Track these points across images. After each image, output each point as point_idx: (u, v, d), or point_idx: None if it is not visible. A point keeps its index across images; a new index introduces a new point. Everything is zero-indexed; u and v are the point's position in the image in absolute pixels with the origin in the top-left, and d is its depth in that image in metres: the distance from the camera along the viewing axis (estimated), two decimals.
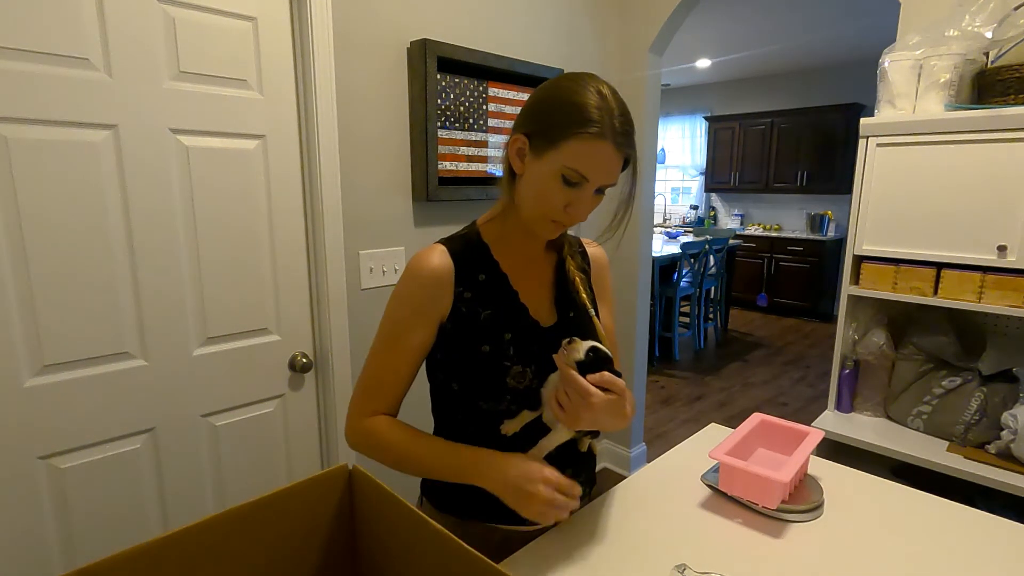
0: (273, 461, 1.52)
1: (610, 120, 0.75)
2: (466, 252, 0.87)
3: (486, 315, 0.84)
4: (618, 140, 0.75)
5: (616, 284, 2.55)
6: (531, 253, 0.91)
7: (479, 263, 0.87)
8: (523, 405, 0.84)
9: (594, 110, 0.74)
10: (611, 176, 0.78)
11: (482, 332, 0.83)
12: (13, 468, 1.12)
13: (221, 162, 1.32)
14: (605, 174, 0.77)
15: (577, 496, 0.77)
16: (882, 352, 1.64)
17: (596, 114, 0.74)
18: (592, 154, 0.75)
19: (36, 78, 1.07)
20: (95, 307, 1.18)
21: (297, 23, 1.41)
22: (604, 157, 0.75)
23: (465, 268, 0.85)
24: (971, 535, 0.86)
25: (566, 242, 0.95)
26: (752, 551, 0.82)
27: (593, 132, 0.74)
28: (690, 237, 5.46)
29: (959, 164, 1.39)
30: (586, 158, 0.75)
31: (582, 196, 0.78)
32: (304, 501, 0.62)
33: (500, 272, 0.87)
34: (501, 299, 0.86)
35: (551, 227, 0.82)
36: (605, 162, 0.76)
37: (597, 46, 2.27)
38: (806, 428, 1.05)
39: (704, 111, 6.88)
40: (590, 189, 0.78)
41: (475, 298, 0.85)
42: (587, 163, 0.75)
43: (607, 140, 0.74)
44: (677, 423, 3.41)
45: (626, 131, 0.77)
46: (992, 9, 1.39)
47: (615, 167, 0.78)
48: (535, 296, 0.89)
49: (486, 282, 0.86)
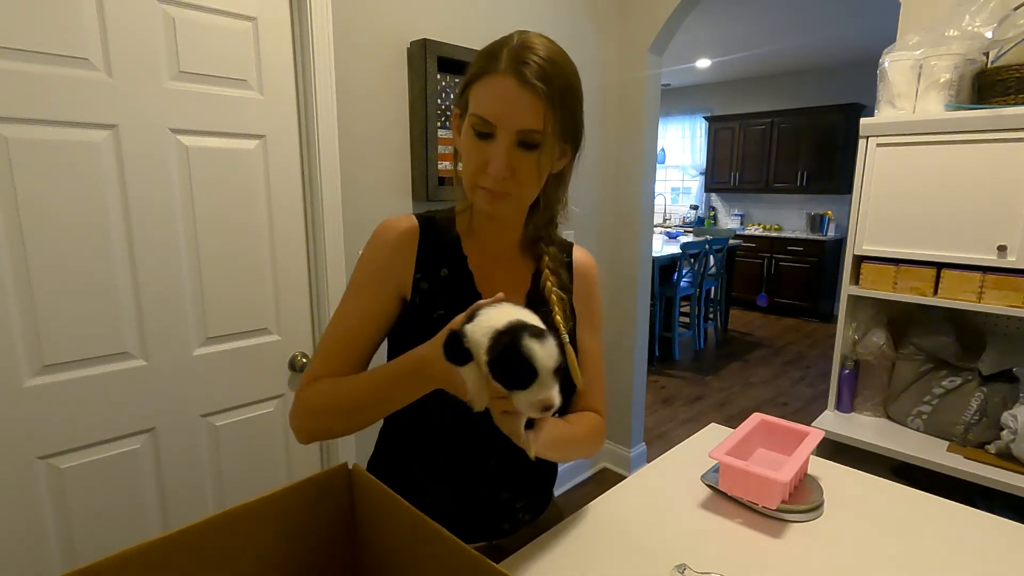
0: (273, 461, 1.51)
1: (511, 53, 0.66)
2: (435, 236, 0.79)
3: (439, 315, 0.75)
4: (520, 72, 0.65)
5: (616, 284, 2.55)
6: (502, 253, 0.82)
7: (445, 254, 0.79)
8: (468, 418, 0.68)
9: (495, 49, 0.68)
10: (520, 117, 0.67)
11: (430, 334, 0.69)
12: (13, 468, 1.12)
13: (221, 162, 1.32)
14: (510, 114, 0.66)
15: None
16: (882, 352, 1.64)
17: (496, 52, 0.67)
18: (491, 93, 0.67)
19: (36, 78, 1.07)
20: (95, 307, 1.18)
21: (297, 23, 1.41)
22: (504, 93, 0.66)
23: (429, 254, 0.78)
24: (971, 535, 0.86)
25: (546, 253, 0.81)
26: (752, 551, 0.82)
27: (490, 70, 0.67)
28: (690, 237, 5.46)
29: (959, 164, 1.39)
30: (486, 99, 0.67)
31: (497, 150, 0.68)
32: (304, 501, 0.61)
33: (466, 269, 0.79)
34: (461, 300, 0.75)
35: (482, 196, 0.72)
36: (508, 100, 0.66)
37: (597, 46, 2.27)
38: (806, 428, 1.05)
39: (704, 111, 6.88)
40: (504, 139, 0.67)
41: (431, 292, 0.77)
42: (487, 104, 0.67)
43: (507, 74, 0.66)
44: (677, 423, 3.41)
45: (535, 64, 0.66)
46: (992, 9, 1.39)
47: (524, 106, 0.66)
48: None
49: (448, 278, 0.78)
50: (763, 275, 6.09)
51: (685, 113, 7.13)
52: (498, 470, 0.82)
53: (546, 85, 0.66)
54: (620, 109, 2.40)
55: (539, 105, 0.66)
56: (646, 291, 2.57)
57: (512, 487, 0.84)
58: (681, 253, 4.43)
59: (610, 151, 2.44)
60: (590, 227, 2.41)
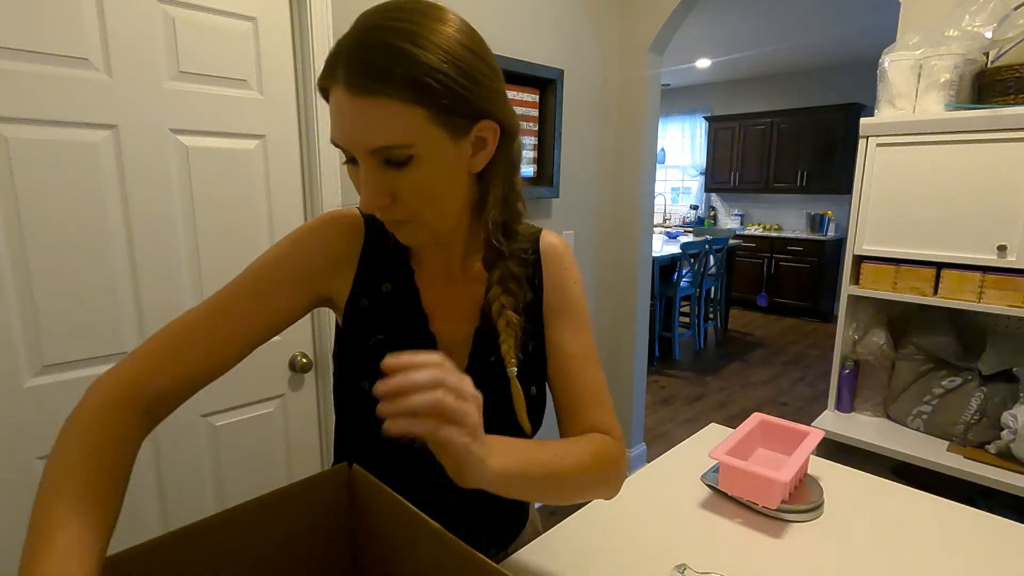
0: (273, 461, 1.51)
1: (335, 55, 0.52)
2: (381, 241, 0.66)
3: (377, 341, 0.65)
4: (347, 77, 0.50)
5: (616, 284, 2.55)
6: (453, 265, 0.69)
7: (390, 264, 0.67)
8: (423, 457, 0.60)
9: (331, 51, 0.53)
10: (364, 135, 0.51)
11: (367, 361, 0.62)
12: (13, 468, 1.12)
13: (221, 162, 1.32)
14: (353, 134, 0.52)
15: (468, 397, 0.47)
16: (882, 352, 1.64)
17: (329, 55, 0.53)
18: (332, 111, 0.53)
19: (36, 78, 1.07)
20: (95, 307, 1.18)
21: (297, 23, 1.40)
22: (339, 110, 0.52)
23: (372, 263, 0.67)
24: (971, 535, 0.86)
25: (498, 266, 0.63)
26: (752, 551, 0.82)
27: (327, 82, 0.53)
28: (690, 237, 5.46)
29: (959, 164, 1.39)
30: (332, 119, 0.54)
31: (362, 178, 0.55)
32: (304, 501, 0.61)
33: (412, 285, 0.67)
34: (403, 321, 0.66)
35: (387, 225, 0.59)
36: (345, 118, 0.52)
37: (597, 46, 2.27)
38: (806, 428, 1.05)
39: (704, 111, 6.88)
40: (364, 165, 0.54)
41: (370, 312, 0.66)
42: (333, 126, 0.54)
43: (338, 84, 0.51)
44: (677, 423, 3.41)
45: (364, 57, 0.50)
46: (992, 9, 1.39)
47: (363, 120, 0.51)
48: (450, 326, 0.68)
49: (391, 295, 0.67)
50: (763, 275, 6.09)
51: (685, 113, 7.13)
52: (458, 509, 0.70)
53: (384, 81, 0.49)
54: (620, 109, 2.40)
55: (388, 110, 0.50)
56: (646, 291, 2.57)
57: (471, 526, 0.70)
58: (681, 253, 4.43)
59: (610, 151, 2.44)
60: (590, 227, 2.41)
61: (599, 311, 2.55)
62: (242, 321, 0.62)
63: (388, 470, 0.64)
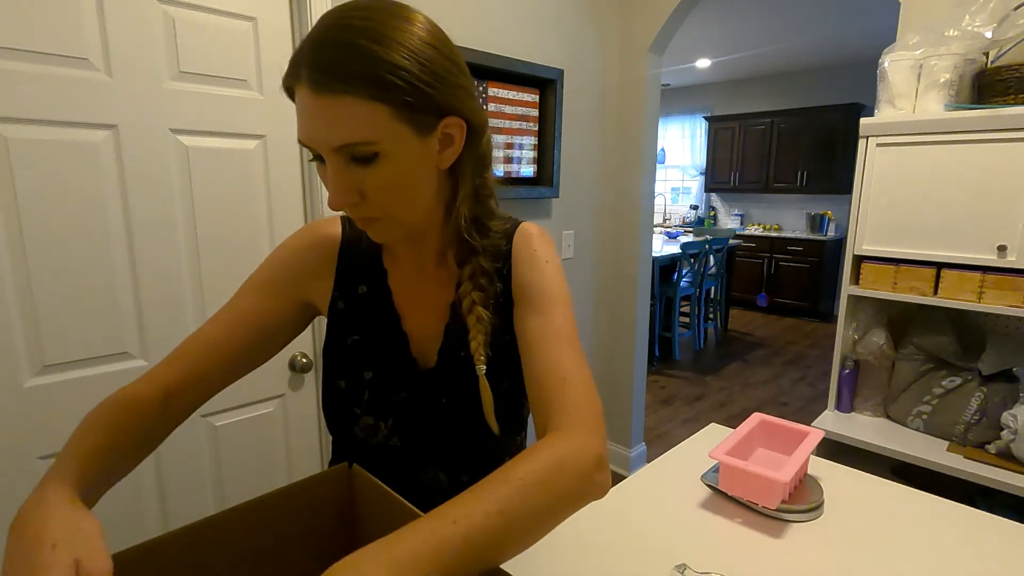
0: (273, 461, 1.51)
1: (298, 54, 0.53)
2: (357, 246, 0.70)
3: (353, 341, 0.69)
4: (310, 76, 0.51)
5: (616, 284, 2.55)
6: (425, 264, 0.70)
7: (365, 267, 0.70)
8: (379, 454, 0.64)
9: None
10: (329, 132, 0.52)
11: (344, 361, 0.65)
12: (13, 468, 1.12)
13: (221, 162, 1.32)
14: (318, 132, 0.53)
15: None
16: (882, 352, 1.64)
17: (294, 54, 0.54)
18: (298, 110, 0.54)
19: (36, 78, 1.07)
20: (95, 307, 1.18)
21: (297, 23, 1.40)
22: (303, 108, 0.53)
23: (349, 267, 0.70)
24: (971, 535, 0.86)
25: (469, 261, 0.65)
26: (752, 551, 0.82)
27: (286, 87, 0.55)
28: (690, 237, 5.46)
29: (959, 164, 1.39)
30: (298, 118, 0.55)
31: (328, 176, 0.56)
32: (304, 501, 0.61)
33: (385, 286, 0.69)
34: (377, 322, 0.68)
35: (358, 223, 0.61)
36: (310, 116, 0.53)
37: (597, 46, 2.27)
38: (806, 428, 1.05)
39: (704, 111, 6.88)
40: (330, 163, 0.55)
41: (347, 313, 0.69)
42: (299, 125, 0.55)
43: (302, 83, 0.52)
44: (677, 423, 3.41)
45: (326, 54, 0.51)
46: (992, 9, 1.39)
47: (329, 117, 0.52)
48: (422, 324, 0.69)
49: (365, 296, 0.69)
50: (763, 275, 6.09)
51: (685, 113, 7.13)
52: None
53: (346, 79, 0.50)
54: (620, 109, 2.40)
55: (351, 108, 0.51)
56: (646, 291, 2.58)
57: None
58: (681, 253, 4.43)
59: (610, 151, 2.44)
60: (590, 227, 2.41)
61: (599, 311, 2.55)
62: (240, 334, 0.67)
63: (374, 468, 0.64)
